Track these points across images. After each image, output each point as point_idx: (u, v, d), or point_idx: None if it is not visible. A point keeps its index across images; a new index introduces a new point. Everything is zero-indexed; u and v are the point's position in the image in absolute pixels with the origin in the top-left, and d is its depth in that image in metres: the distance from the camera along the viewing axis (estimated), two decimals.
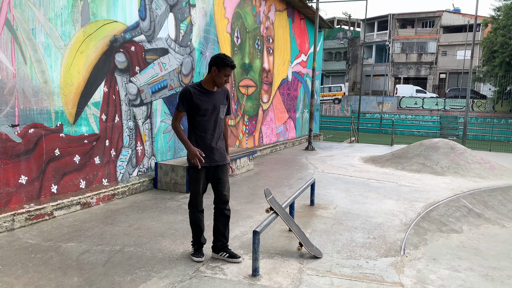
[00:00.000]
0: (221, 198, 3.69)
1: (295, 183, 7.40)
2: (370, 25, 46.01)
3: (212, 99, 3.58)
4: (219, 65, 3.48)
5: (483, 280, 3.68)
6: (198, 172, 3.60)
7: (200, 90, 3.57)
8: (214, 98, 3.60)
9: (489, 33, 29.95)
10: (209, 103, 3.56)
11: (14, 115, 4.53)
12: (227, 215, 3.74)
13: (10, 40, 4.43)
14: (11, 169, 4.53)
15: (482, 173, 8.75)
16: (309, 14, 14.30)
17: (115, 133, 6.03)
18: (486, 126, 28.73)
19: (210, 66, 3.54)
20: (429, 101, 34.68)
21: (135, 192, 6.28)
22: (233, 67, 3.53)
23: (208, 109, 3.56)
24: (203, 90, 3.58)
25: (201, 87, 3.59)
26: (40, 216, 4.70)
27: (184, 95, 3.53)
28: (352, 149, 13.52)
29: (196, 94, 3.53)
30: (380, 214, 5.54)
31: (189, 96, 3.51)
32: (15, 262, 3.57)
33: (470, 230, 5.45)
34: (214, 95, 3.61)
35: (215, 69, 3.50)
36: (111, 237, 4.26)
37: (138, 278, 3.33)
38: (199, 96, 3.54)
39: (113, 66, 5.86)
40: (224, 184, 3.70)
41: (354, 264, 3.79)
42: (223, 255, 3.72)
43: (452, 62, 41.38)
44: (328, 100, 39.39)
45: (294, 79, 14.16)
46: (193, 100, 3.51)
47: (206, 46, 8.29)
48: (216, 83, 3.56)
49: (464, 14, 42.20)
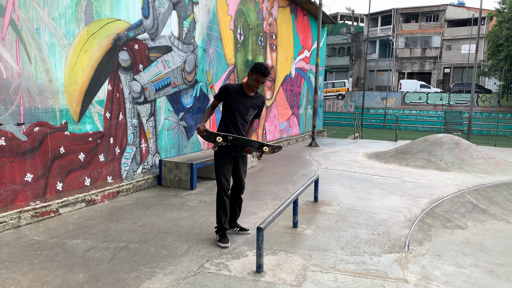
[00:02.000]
0: (239, 183, 4.24)
1: (299, 180, 7.41)
2: (374, 20, 45.75)
3: (245, 102, 4.02)
4: (253, 70, 3.93)
5: (488, 276, 3.68)
6: (223, 157, 4.07)
7: (239, 90, 4.02)
8: (247, 101, 4.03)
9: (494, 26, 29.70)
10: (241, 104, 4.01)
11: (19, 114, 4.56)
12: (242, 199, 4.39)
13: (15, 39, 4.45)
14: (17, 167, 4.56)
15: (487, 168, 8.72)
16: (312, 10, 14.23)
17: (119, 130, 6.06)
18: (491, 121, 28.52)
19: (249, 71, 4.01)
20: (433, 96, 34.47)
21: (140, 189, 6.31)
22: (264, 74, 3.89)
23: (239, 108, 4.00)
24: (241, 91, 4.02)
25: (240, 88, 4.04)
26: (46, 213, 4.75)
27: (224, 89, 4.01)
28: (356, 145, 13.49)
29: (234, 92, 3.98)
30: (384, 210, 5.54)
31: (228, 92, 3.99)
32: (21, 258, 3.61)
33: (475, 226, 5.44)
34: (249, 99, 4.04)
35: (249, 73, 3.98)
36: (116, 234, 4.29)
37: (143, 274, 3.36)
38: (236, 95, 3.99)
39: (116, 64, 5.88)
40: (242, 174, 4.23)
41: (358, 261, 3.80)
42: (235, 229, 4.40)
43: (456, 57, 41.10)
44: (331, 96, 39.27)
45: (297, 75, 14.12)
46: (230, 96, 3.98)
47: (209, 43, 8.29)
48: (249, 86, 3.99)
49: (468, 7, 41.87)
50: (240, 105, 4.01)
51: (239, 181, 4.25)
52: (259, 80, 3.93)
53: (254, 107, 4.11)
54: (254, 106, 4.10)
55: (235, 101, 4.00)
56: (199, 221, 4.84)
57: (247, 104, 4.04)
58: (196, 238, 4.24)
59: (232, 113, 4.03)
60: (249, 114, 4.10)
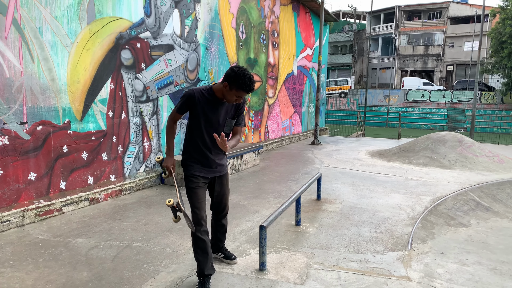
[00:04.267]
0: (219, 209, 3.44)
1: (301, 178, 7.40)
2: (376, 18, 45.62)
3: (219, 110, 3.07)
4: (233, 85, 2.89)
5: (492, 274, 3.67)
6: (195, 182, 3.21)
7: (208, 97, 3.03)
8: (222, 109, 3.08)
9: (497, 23, 29.55)
10: (214, 114, 3.06)
11: (22, 113, 4.57)
12: (225, 225, 3.53)
13: (18, 38, 4.46)
14: (20, 166, 4.58)
15: (490, 166, 8.69)
16: (314, 8, 14.20)
17: (122, 129, 6.07)
18: (495, 118, 28.42)
19: (224, 78, 2.95)
20: (436, 93, 34.36)
21: (143, 187, 6.32)
22: (248, 91, 2.92)
23: (211, 121, 3.06)
24: (212, 98, 3.04)
25: (211, 93, 3.04)
26: (49, 212, 4.76)
27: (188, 99, 3.01)
28: (358, 143, 13.47)
29: (202, 101, 3.01)
30: (387, 208, 5.53)
31: (194, 101, 3.01)
32: (25, 257, 3.62)
33: (478, 223, 5.43)
34: (223, 106, 3.08)
35: (226, 85, 2.92)
36: (119, 233, 4.30)
37: (146, 273, 3.37)
38: (205, 104, 3.02)
39: (119, 63, 5.88)
40: (223, 197, 3.40)
41: (361, 258, 3.80)
42: (219, 254, 3.62)
43: (459, 54, 40.93)
44: (334, 94, 39.21)
45: (299, 73, 14.10)
46: (196, 107, 3.02)
47: (211, 42, 8.28)
48: (225, 97, 3.00)
49: (471, 4, 41.67)
50: (213, 117, 3.05)
51: (219, 207, 3.44)
52: (240, 96, 2.95)
53: (232, 115, 3.16)
54: (232, 114, 3.15)
55: (204, 112, 3.02)
56: None
57: (221, 114, 3.08)
58: None
59: (201, 130, 3.07)
60: (226, 125, 3.14)
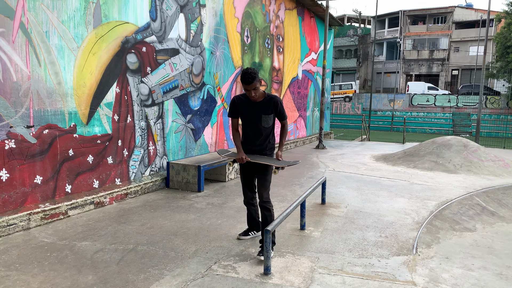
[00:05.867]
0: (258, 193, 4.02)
1: (306, 182, 7.39)
2: (381, 22, 45.61)
3: (254, 110, 3.90)
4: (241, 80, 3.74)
5: (497, 279, 3.65)
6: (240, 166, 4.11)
7: (244, 100, 3.95)
8: (256, 109, 3.89)
9: (502, 28, 29.43)
10: (248, 111, 3.92)
11: (29, 116, 4.61)
12: (267, 208, 3.92)
13: (25, 43, 4.51)
14: (27, 169, 4.61)
15: (495, 170, 8.64)
16: (319, 12, 14.23)
17: (127, 133, 6.10)
18: (500, 123, 28.26)
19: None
20: (441, 98, 34.22)
21: (148, 191, 6.34)
22: (245, 81, 3.68)
23: (250, 117, 3.93)
24: (247, 100, 3.93)
25: (246, 97, 3.93)
26: (55, 215, 4.79)
27: (232, 104, 4.00)
28: (363, 147, 13.44)
29: (240, 104, 3.95)
30: (392, 212, 5.51)
31: (235, 105, 3.99)
32: (31, 260, 3.64)
33: (483, 228, 5.39)
34: (256, 106, 3.90)
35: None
36: (124, 236, 4.32)
37: (151, 276, 3.37)
38: (242, 106, 3.95)
39: (124, 67, 5.92)
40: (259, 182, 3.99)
41: (366, 263, 3.78)
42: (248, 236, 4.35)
43: (464, 59, 40.81)
44: (338, 98, 39.18)
45: (304, 77, 14.12)
46: (238, 108, 3.98)
47: (217, 46, 8.32)
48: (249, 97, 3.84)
49: (476, 9, 41.59)
50: (251, 114, 3.92)
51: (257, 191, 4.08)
52: (246, 89, 3.75)
53: (267, 112, 3.92)
54: (266, 111, 3.91)
55: (243, 112, 3.96)
56: (206, 223, 4.85)
57: (256, 112, 3.89)
58: (203, 240, 4.25)
59: (245, 125, 4.02)
60: (264, 120, 3.92)
